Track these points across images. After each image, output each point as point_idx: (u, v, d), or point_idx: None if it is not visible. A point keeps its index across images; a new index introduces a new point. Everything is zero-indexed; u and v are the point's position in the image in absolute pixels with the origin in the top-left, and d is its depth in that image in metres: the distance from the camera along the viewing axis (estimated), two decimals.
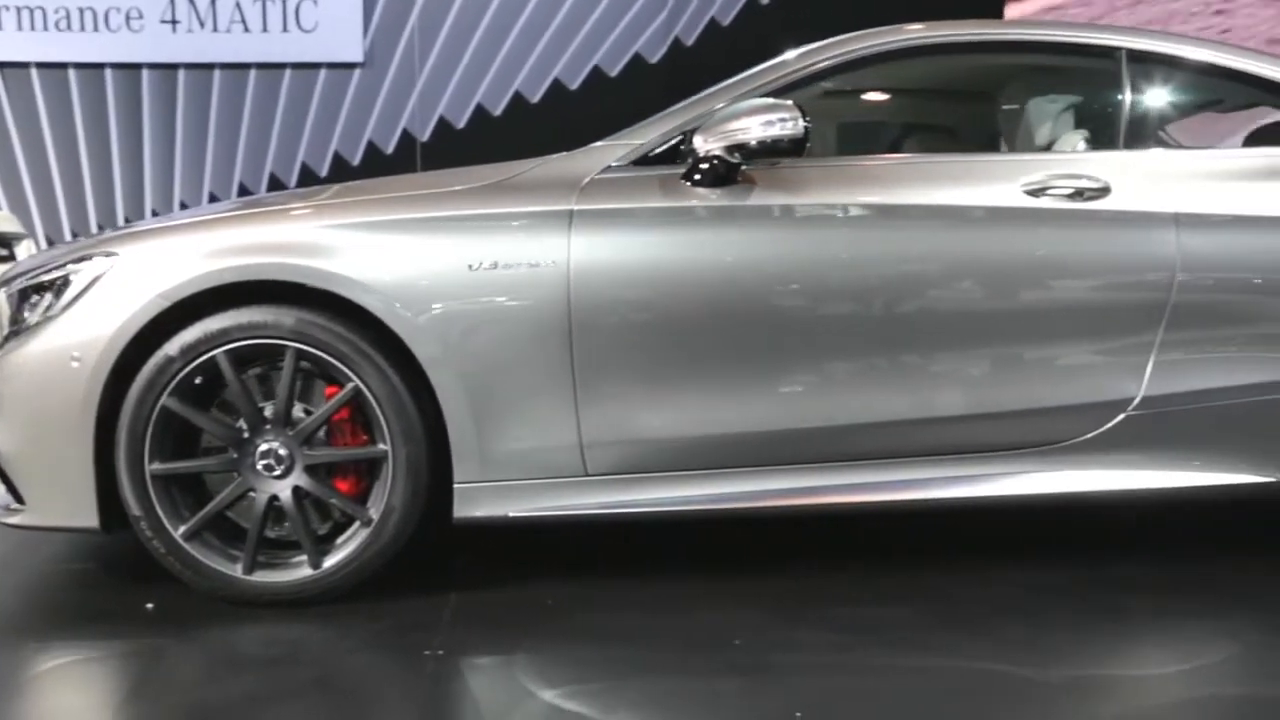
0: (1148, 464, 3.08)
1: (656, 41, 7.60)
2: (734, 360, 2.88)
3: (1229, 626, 2.80)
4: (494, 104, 7.77)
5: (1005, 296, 3.00)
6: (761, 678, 2.45)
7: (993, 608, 2.88)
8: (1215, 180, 3.15)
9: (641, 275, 2.85)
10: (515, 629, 2.73)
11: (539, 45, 7.69)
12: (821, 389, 2.92)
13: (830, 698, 2.39)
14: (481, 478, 2.81)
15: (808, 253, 2.92)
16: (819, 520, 3.45)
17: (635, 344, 2.84)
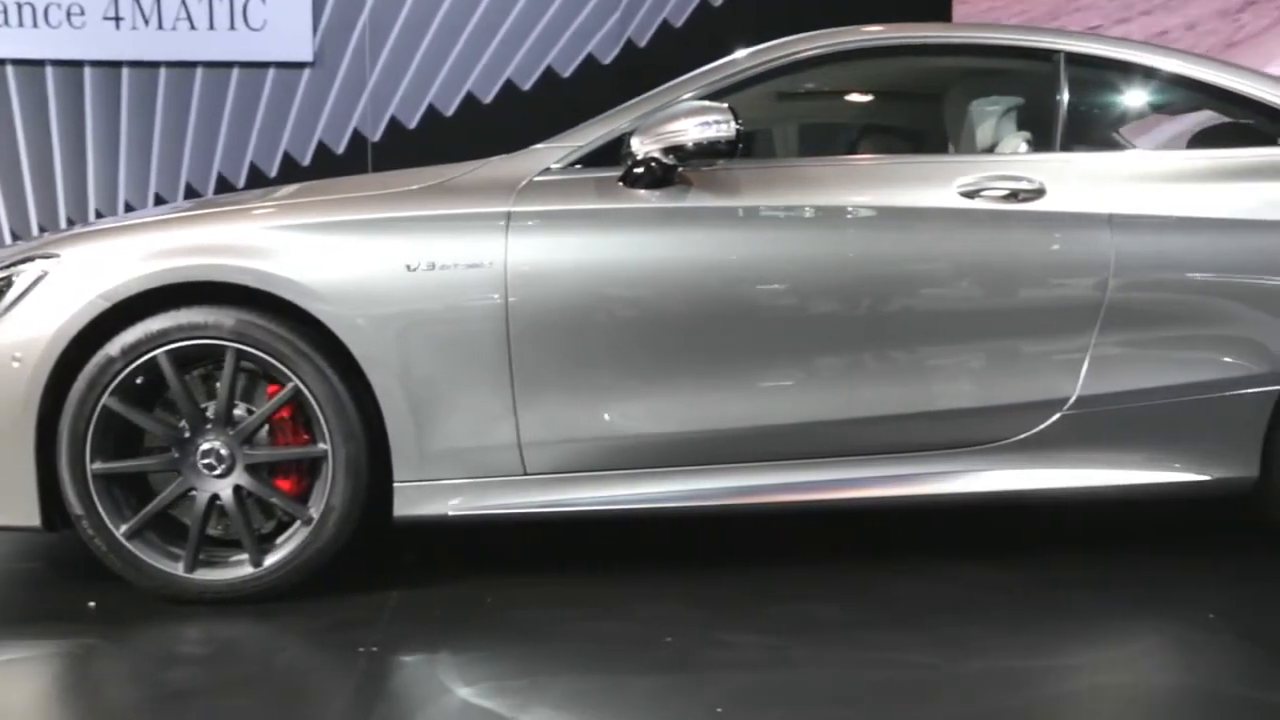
0: (1084, 463, 3.21)
1: (609, 43, 7.71)
2: (670, 361, 3.00)
3: (1157, 621, 2.94)
4: (446, 104, 7.84)
5: (940, 297, 3.13)
6: (688, 675, 2.56)
7: (930, 605, 3.02)
8: (1150, 182, 3.27)
9: (578, 276, 2.96)
10: (451, 626, 2.85)
11: (491, 46, 7.77)
12: (757, 389, 3.04)
13: (754, 694, 2.48)
14: (421, 477, 2.94)
15: (743, 254, 3.04)
16: (761, 518, 3.57)
17: (572, 344, 2.96)
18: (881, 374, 3.10)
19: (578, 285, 2.96)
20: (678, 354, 3.01)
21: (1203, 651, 2.77)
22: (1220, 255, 3.22)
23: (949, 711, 2.43)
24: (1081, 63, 3.43)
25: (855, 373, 3.09)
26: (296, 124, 7.79)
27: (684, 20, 7.69)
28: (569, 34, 7.73)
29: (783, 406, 3.05)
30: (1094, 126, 3.63)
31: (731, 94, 3.23)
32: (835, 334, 3.08)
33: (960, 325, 3.12)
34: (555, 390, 2.96)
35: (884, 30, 3.48)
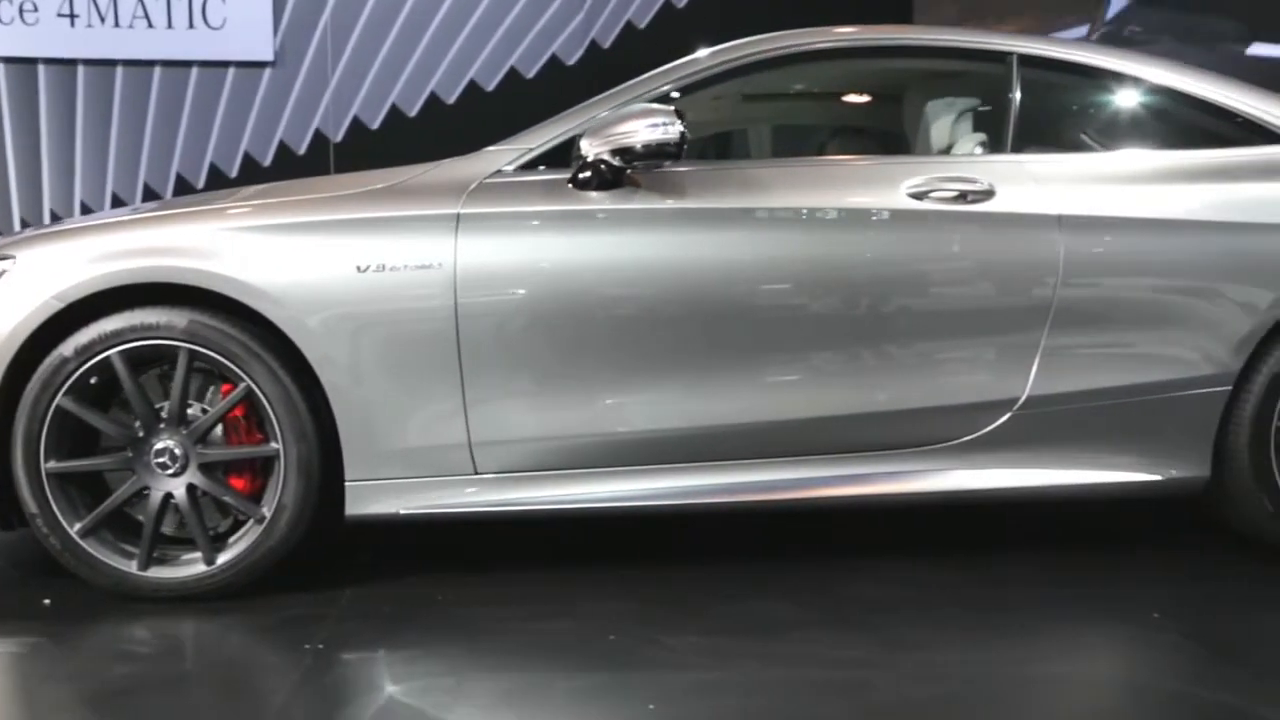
0: (1036, 463, 3.31)
1: (574, 43, 7.84)
2: (619, 362, 3.12)
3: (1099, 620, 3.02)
4: (409, 105, 7.93)
5: (891, 297, 3.22)
6: (624, 674, 2.66)
7: (878, 604, 3.10)
8: (1099, 183, 3.38)
9: (526, 277, 3.08)
10: (398, 624, 2.96)
11: (454, 46, 7.87)
12: (706, 390, 3.15)
13: (689, 693, 2.57)
14: (372, 476, 3.05)
15: (690, 256, 3.15)
16: (715, 517, 3.70)
17: (521, 345, 3.08)
18: (830, 374, 3.20)
19: (527, 286, 3.07)
20: (627, 355, 3.12)
21: (1143, 649, 2.87)
22: (1170, 256, 3.32)
23: (881, 711, 2.50)
24: (1034, 65, 3.54)
25: (803, 373, 3.20)
26: (257, 124, 7.84)
27: (648, 21, 7.83)
28: (533, 34, 7.85)
29: (732, 407, 3.15)
30: (1046, 128, 3.73)
31: (685, 96, 3.36)
32: (783, 335, 3.18)
33: (909, 325, 3.22)
34: (505, 391, 3.07)
35: (837, 32, 3.60)
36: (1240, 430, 3.34)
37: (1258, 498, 3.35)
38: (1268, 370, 3.32)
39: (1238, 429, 3.35)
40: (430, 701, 2.54)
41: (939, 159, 3.56)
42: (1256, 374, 3.33)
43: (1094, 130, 4.02)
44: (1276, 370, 3.32)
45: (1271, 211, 3.36)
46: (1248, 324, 3.30)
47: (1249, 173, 3.43)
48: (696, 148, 4.13)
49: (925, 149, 3.71)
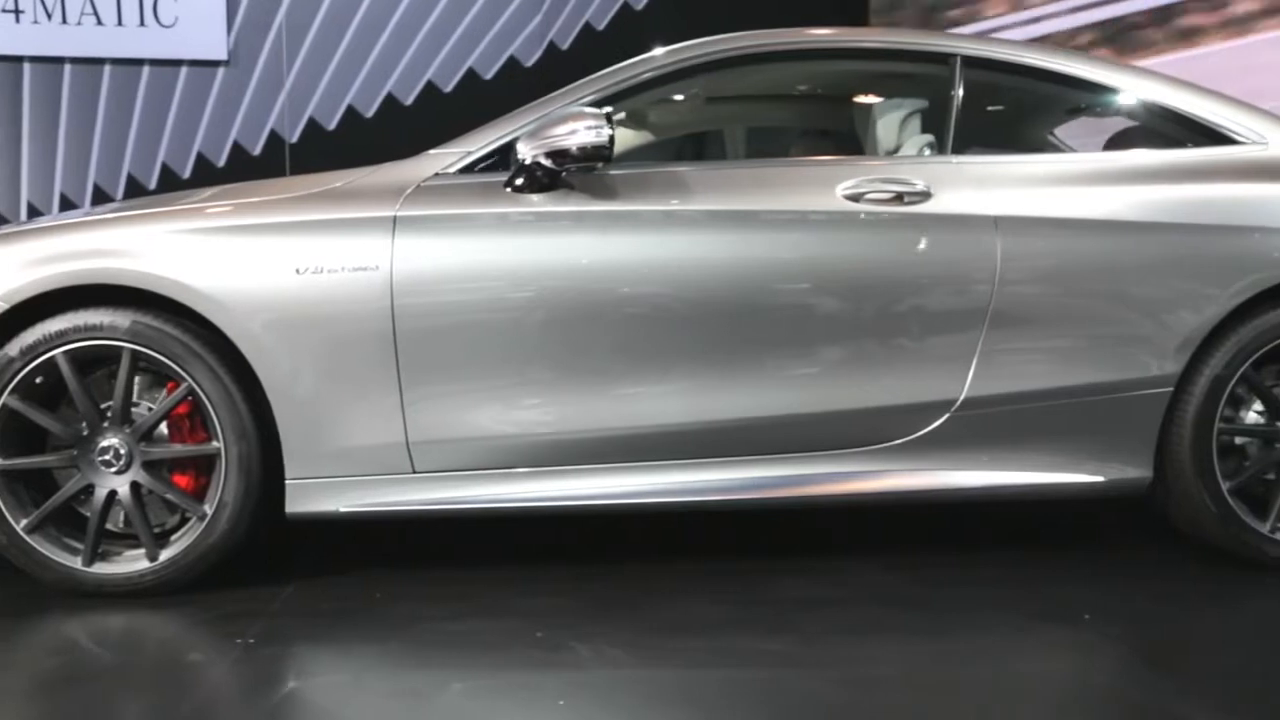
0: (976, 464, 3.45)
1: (532, 45, 8.05)
2: (554, 363, 3.29)
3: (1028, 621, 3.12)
4: (366, 105, 8.08)
5: (826, 299, 3.36)
6: (541, 671, 2.80)
7: (806, 604, 3.24)
8: (1038, 184, 3.51)
9: (461, 279, 3.26)
10: (330, 621, 3.15)
11: (412, 46, 8.03)
12: (642, 390, 3.32)
13: (604, 690, 2.72)
14: (312, 474, 3.25)
15: (625, 257, 3.31)
16: (650, 516, 3.86)
17: (457, 346, 3.25)
18: (766, 376, 3.35)
19: (462, 288, 3.26)
20: (561, 356, 3.29)
21: (1068, 650, 2.96)
22: (1109, 258, 3.45)
23: (792, 710, 2.60)
24: (978, 66, 3.69)
25: (735, 375, 3.34)
26: (211, 124, 7.96)
27: (606, 23, 8.05)
28: (491, 36, 8.04)
29: (668, 408, 3.32)
30: (988, 129, 3.89)
31: (627, 99, 3.57)
32: (719, 336, 3.33)
33: (845, 327, 3.36)
34: (442, 391, 3.26)
35: (782, 35, 3.76)
36: (1182, 432, 3.48)
37: (1200, 499, 3.48)
38: (1209, 372, 3.45)
39: (1180, 431, 3.48)
40: (324, 697, 2.72)
41: (876, 160, 3.69)
42: (1198, 376, 3.46)
43: (1036, 131, 4.19)
44: (1218, 372, 3.45)
45: (1213, 213, 3.49)
46: (1189, 326, 3.43)
47: (1191, 174, 3.57)
48: (653, 150, 4.32)
49: (873, 150, 3.82)
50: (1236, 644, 3.05)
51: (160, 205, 3.51)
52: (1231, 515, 3.49)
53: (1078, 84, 3.76)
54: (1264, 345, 3.47)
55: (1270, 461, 3.52)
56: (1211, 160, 3.63)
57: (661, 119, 4.27)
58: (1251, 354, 3.46)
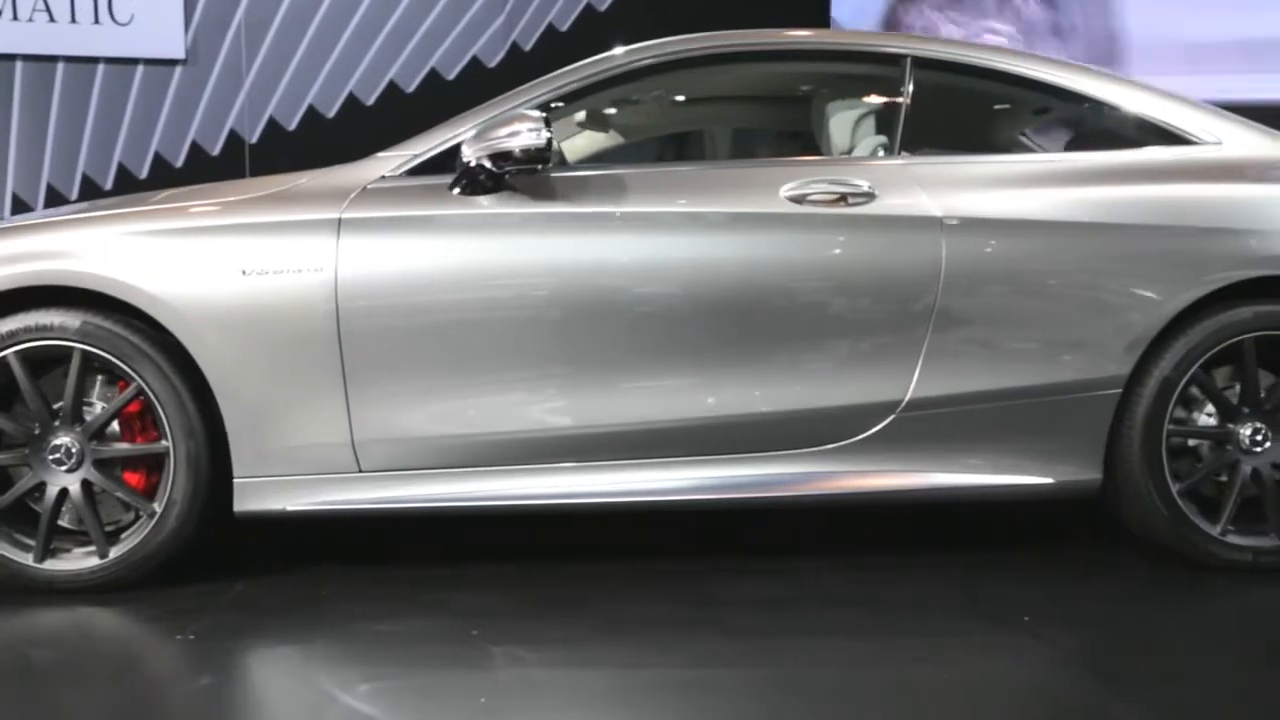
0: (922, 465, 3.55)
1: (495, 46, 8.15)
2: (496, 362, 3.42)
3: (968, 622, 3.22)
4: (327, 106, 8.15)
5: (769, 300, 3.47)
6: (470, 670, 2.92)
7: (747, 603, 3.35)
8: (984, 185, 3.61)
9: (405, 280, 3.39)
10: (270, 618, 3.29)
11: (374, 46, 8.11)
12: (585, 391, 3.44)
13: (528, 688, 2.82)
14: (260, 473, 3.38)
15: (567, 259, 3.44)
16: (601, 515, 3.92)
17: (401, 346, 3.38)
18: (708, 377, 3.47)
19: (405, 289, 3.39)
20: (504, 356, 3.42)
21: (1003, 651, 3.05)
22: (1056, 258, 3.54)
23: (711, 710, 2.71)
24: (928, 66, 3.81)
25: (681, 376, 3.46)
26: (168, 124, 8.00)
27: (569, 24, 8.16)
28: (454, 36, 8.13)
29: (611, 409, 3.45)
30: (937, 129, 3.99)
31: (581, 100, 3.72)
32: (661, 337, 3.45)
33: (788, 328, 3.48)
34: (386, 391, 3.39)
35: (732, 36, 3.89)
36: (1132, 433, 3.58)
37: (1150, 501, 3.58)
38: (1159, 373, 3.55)
39: (1129, 432, 3.58)
40: (238, 694, 2.87)
41: (822, 161, 3.82)
42: (1148, 377, 3.56)
43: (986, 132, 4.30)
44: (1167, 374, 3.55)
45: (1162, 214, 3.59)
46: (1137, 326, 3.53)
47: (1140, 175, 3.68)
48: (612, 151, 4.42)
49: (828, 151, 3.93)
50: (1174, 646, 3.14)
51: (114, 208, 3.63)
52: (1181, 517, 3.59)
53: (1030, 85, 3.87)
54: (1213, 347, 3.56)
55: (1222, 463, 3.62)
56: (1163, 161, 3.75)
57: (620, 120, 4.39)
58: (1200, 356, 3.56)
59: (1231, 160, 3.75)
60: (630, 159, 4.60)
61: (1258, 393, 3.62)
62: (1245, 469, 3.60)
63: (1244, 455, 3.61)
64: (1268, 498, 3.61)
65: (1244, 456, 3.61)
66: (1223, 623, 3.35)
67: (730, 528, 4.12)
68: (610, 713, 2.75)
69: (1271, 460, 3.62)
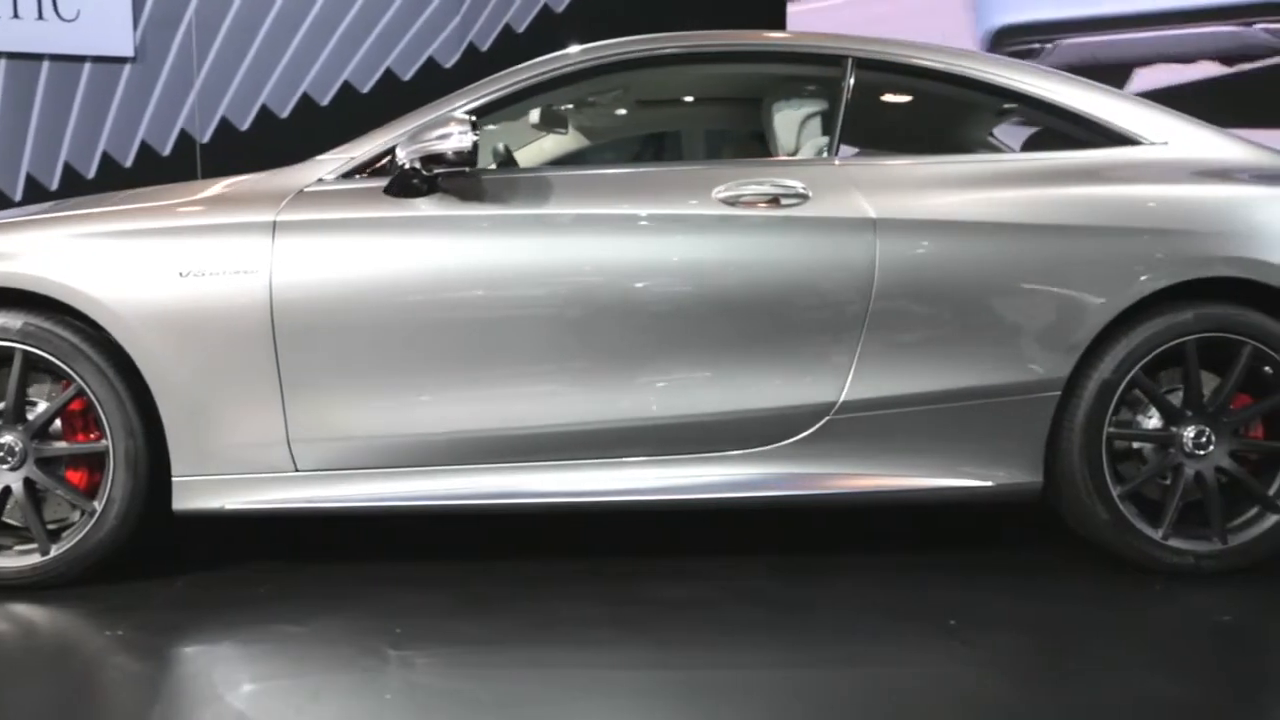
0: (857, 467, 3.64)
1: (451, 46, 8.29)
2: (428, 363, 3.56)
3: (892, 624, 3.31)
4: (280, 106, 8.26)
5: (700, 302, 3.58)
6: (383, 669, 3.02)
7: (675, 605, 3.47)
8: (919, 187, 3.71)
9: (337, 282, 3.54)
10: (199, 616, 3.45)
11: (328, 46, 8.24)
12: (518, 392, 3.58)
13: (437, 687, 2.95)
14: (198, 472, 3.52)
15: (498, 261, 3.58)
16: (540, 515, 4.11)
17: (334, 347, 3.54)
18: (640, 379, 3.59)
19: (339, 290, 3.53)
20: (434, 357, 3.56)
21: (921, 655, 3.13)
22: (992, 260, 3.62)
23: (617, 711, 2.84)
24: (870, 67, 3.90)
25: (613, 377, 3.58)
26: (116, 123, 8.10)
27: (526, 25, 8.32)
28: (409, 36, 8.25)
29: (545, 410, 3.58)
30: (877, 131, 4.13)
31: (516, 103, 3.85)
32: (592, 339, 3.58)
33: (719, 330, 3.58)
34: (321, 391, 3.54)
35: (675, 39, 3.99)
36: (1072, 436, 3.65)
37: (1091, 505, 3.67)
38: (1098, 376, 3.63)
39: (1069, 435, 3.66)
40: (133, 692, 2.98)
41: (757, 163, 3.95)
42: (1087, 379, 3.64)
43: (928, 133, 4.42)
44: (1107, 376, 3.62)
45: (1101, 214, 3.68)
46: (1075, 329, 3.61)
47: (1081, 176, 3.77)
48: (567, 153, 4.59)
49: (772, 152, 4.04)
50: (1097, 650, 3.19)
51: (59, 210, 3.81)
52: (1122, 520, 3.67)
53: (974, 85, 3.96)
54: (1154, 349, 3.64)
55: (1165, 467, 3.70)
56: (1105, 161, 3.85)
57: (571, 121, 4.54)
58: (1141, 358, 3.64)
59: (1176, 160, 3.84)
60: (581, 160, 4.75)
61: (1200, 395, 3.69)
62: (1188, 472, 3.68)
63: (1187, 458, 3.68)
64: (1210, 502, 3.69)
65: (1187, 460, 3.68)
66: (1152, 627, 3.42)
67: (666, 529, 4.23)
68: (511, 713, 2.83)
69: (1215, 464, 3.69)
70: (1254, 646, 3.29)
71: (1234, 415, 3.72)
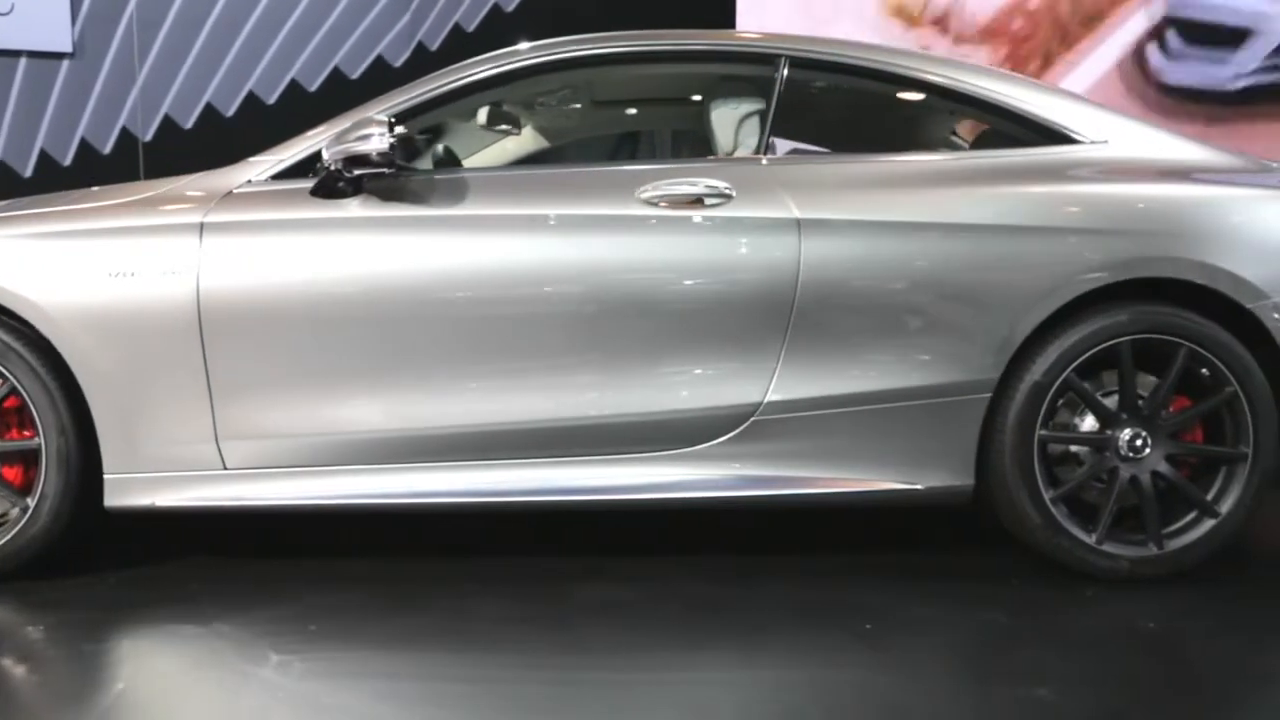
0: (785, 468, 3.75)
1: (400, 45, 8.41)
2: (352, 363, 3.74)
3: (804, 629, 3.41)
4: (225, 104, 8.34)
5: (623, 303, 3.72)
6: (259, 672, 3.17)
7: (595, 606, 3.60)
8: (847, 186, 3.83)
9: (262, 282, 3.72)
10: (119, 613, 3.65)
11: (275, 43, 8.33)
12: (439, 392, 3.74)
13: (324, 687, 3.10)
14: (129, 469, 3.72)
15: (419, 262, 3.75)
16: (455, 513, 4.29)
17: (260, 347, 3.72)
18: (565, 378, 3.75)
19: (264, 290, 3.72)
20: (359, 356, 3.74)
21: (829, 659, 3.24)
22: (919, 260, 3.73)
23: (525, 713, 2.96)
24: (804, 66, 4.05)
25: (539, 377, 3.74)
26: (54, 120, 8.14)
27: (476, 25, 8.45)
28: (358, 34, 8.35)
29: (463, 410, 3.74)
30: (808, 130, 4.27)
31: (438, 107, 4.01)
32: (517, 339, 3.75)
33: (642, 330, 3.73)
34: (248, 390, 3.73)
35: (603, 39, 4.15)
36: (1003, 439, 3.75)
37: (1023, 509, 3.76)
38: (1030, 378, 3.73)
39: (1001, 438, 3.76)
40: (28, 690, 3.15)
41: (684, 163, 4.07)
42: (1019, 381, 3.74)
43: (862, 131, 4.56)
44: (1038, 378, 3.72)
45: (1034, 214, 3.78)
46: (1005, 330, 3.72)
47: (1010, 175, 3.88)
48: (503, 152, 4.76)
49: (709, 151, 4.17)
50: (1014, 658, 3.30)
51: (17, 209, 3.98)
52: (1055, 525, 3.77)
53: (910, 84, 4.10)
54: (1086, 351, 3.74)
55: (1101, 470, 3.79)
56: (1039, 160, 3.95)
57: (509, 121, 4.65)
58: (1073, 360, 3.74)
59: (1115, 159, 3.96)
60: (536, 160, 4.91)
61: (1136, 398, 3.79)
62: (1124, 476, 3.77)
63: (1122, 462, 3.78)
64: (1146, 506, 3.78)
65: (1122, 463, 3.78)
66: (1075, 635, 3.49)
67: (596, 529, 4.37)
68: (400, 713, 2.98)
69: (1151, 467, 3.79)
70: (1171, 656, 3.35)
71: (1170, 419, 3.80)
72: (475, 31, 8.40)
